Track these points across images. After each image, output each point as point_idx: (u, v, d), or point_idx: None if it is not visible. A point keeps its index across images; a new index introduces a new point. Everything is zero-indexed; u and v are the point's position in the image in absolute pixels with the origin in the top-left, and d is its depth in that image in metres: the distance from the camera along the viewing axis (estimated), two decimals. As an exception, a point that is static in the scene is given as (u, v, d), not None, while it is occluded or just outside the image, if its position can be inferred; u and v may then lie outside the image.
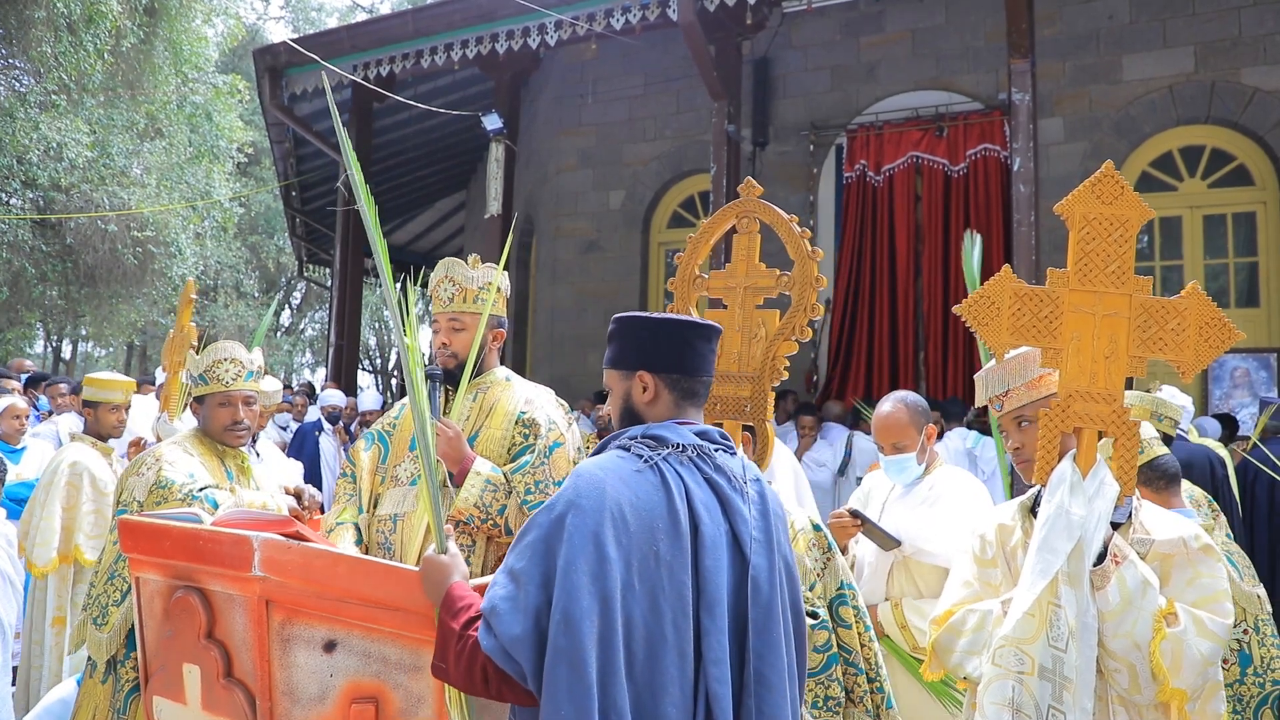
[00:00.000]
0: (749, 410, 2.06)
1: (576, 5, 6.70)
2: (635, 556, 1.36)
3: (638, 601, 1.35)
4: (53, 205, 10.21)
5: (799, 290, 2.08)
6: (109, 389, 4.13)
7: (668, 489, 1.42)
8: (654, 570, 1.37)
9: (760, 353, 2.08)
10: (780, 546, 1.53)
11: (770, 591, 1.46)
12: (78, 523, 3.94)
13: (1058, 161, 7.27)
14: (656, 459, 1.46)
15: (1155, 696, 1.65)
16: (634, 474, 1.43)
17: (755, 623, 1.43)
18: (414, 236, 14.20)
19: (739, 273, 2.18)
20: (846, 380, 7.92)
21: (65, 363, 22.13)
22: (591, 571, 1.32)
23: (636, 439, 1.51)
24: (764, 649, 1.43)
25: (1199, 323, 1.77)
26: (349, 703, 1.70)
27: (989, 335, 1.83)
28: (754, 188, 2.20)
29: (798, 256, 2.09)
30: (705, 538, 1.42)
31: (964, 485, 2.82)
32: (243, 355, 2.78)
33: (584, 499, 1.38)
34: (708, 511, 1.45)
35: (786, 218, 2.13)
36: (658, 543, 1.38)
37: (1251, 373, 6.83)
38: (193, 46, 11.22)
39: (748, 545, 1.46)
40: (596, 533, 1.34)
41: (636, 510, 1.39)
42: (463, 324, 2.44)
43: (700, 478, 1.48)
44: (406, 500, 2.36)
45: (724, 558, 1.43)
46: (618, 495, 1.39)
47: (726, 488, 1.49)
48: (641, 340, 1.59)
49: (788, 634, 1.50)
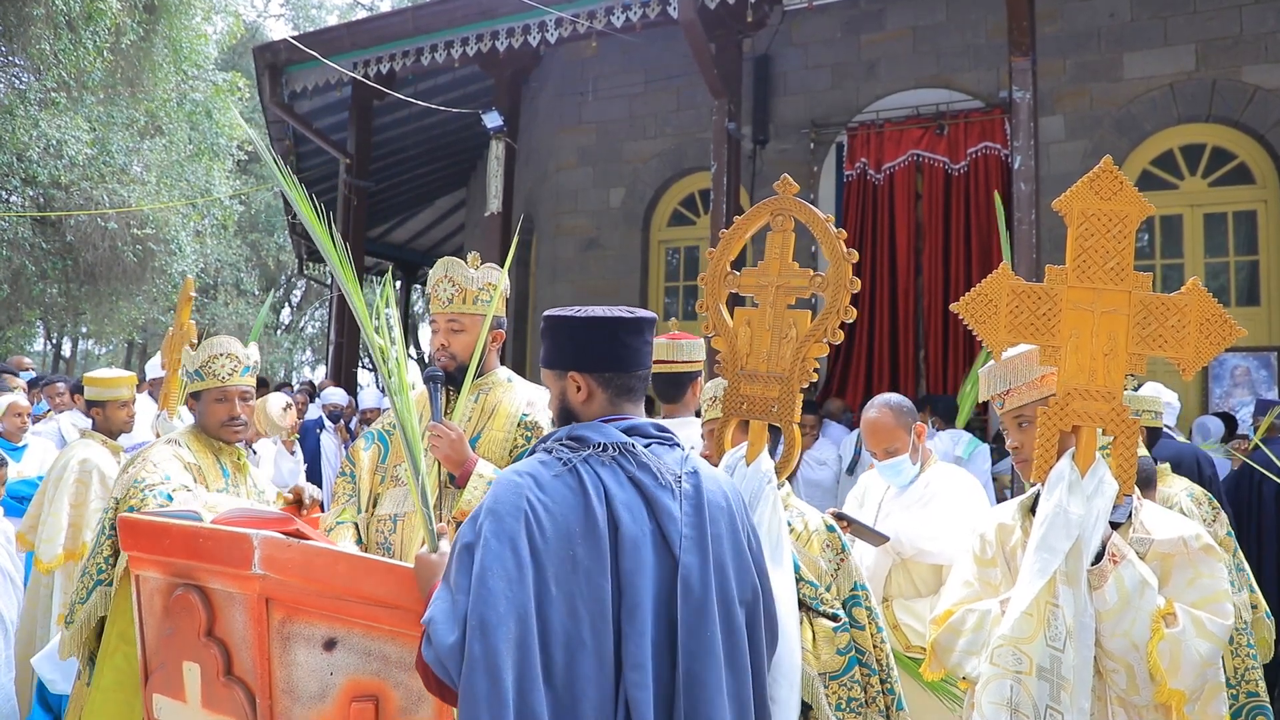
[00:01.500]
0: (776, 411, 2.03)
1: (577, 3, 6.70)
2: (552, 561, 1.35)
3: (556, 607, 1.33)
4: (53, 203, 10.21)
5: (833, 292, 2.04)
6: (114, 386, 4.10)
7: (585, 492, 1.40)
8: (571, 575, 1.35)
9: (790, 353, 2.05)
10: (720, 542, 1.47)
11: (703, 590, 1.41)
12: (86, 520, 3.94)
13: (1058, 160, 7.27)
14: (575, 461, 1.44)
15: (1153, 697, 1.63)
16: (552, 478, 1.41)
17: (687, 623, 1.39)
18: (414, 234, 14.20)
19: (772, 271, 2.15)
20: (847, 378, 7.92)
21: (65, 360, 22.13)
22: (507, 577, 1.31)
23: (559, 441, 1.49)
24: (697, 649, 1.39)
25: (1199, 319, 1.75)
26: (349, 701, 1.70)
27: (987, 333, 1.81)
28: (790, 185, 2.17)
29: (833, 258, 2.05)
30: (625, 539, 1.39)
31: (958, 482, 2.83)
32: (239, 350, 2.76)
33: (500, 505, 1.37)
34: (629, 512, 1.41)
35: (823, 217, 2.09)
36: (575, 547, 1.36)
37: (1252, 371, 6.83)
38: (192, 44, 11.21)
39: (676, 544, 1.42)
40: (512, 538, 1.33)
41: (552, 514, 1.37)
42: (462, 325, 2.42)
43: (623, 477, 1.45)
44: (406, 500, 2.35)
45: (648, 559, 1.40)
46: (534, 500, 1.37)
47: (652, 485, 1.44)
48: (572, 340, 1.56)
49: (733, 631, 1.44)
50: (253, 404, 2.83)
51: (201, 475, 2.68)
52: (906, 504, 2.85)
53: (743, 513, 1.57)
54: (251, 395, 2.81)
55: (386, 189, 11.33)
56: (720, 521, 1.49)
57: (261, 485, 2.91)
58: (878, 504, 2.99)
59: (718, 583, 1.44)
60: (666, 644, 1.39)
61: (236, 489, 2.76)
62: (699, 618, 1.40)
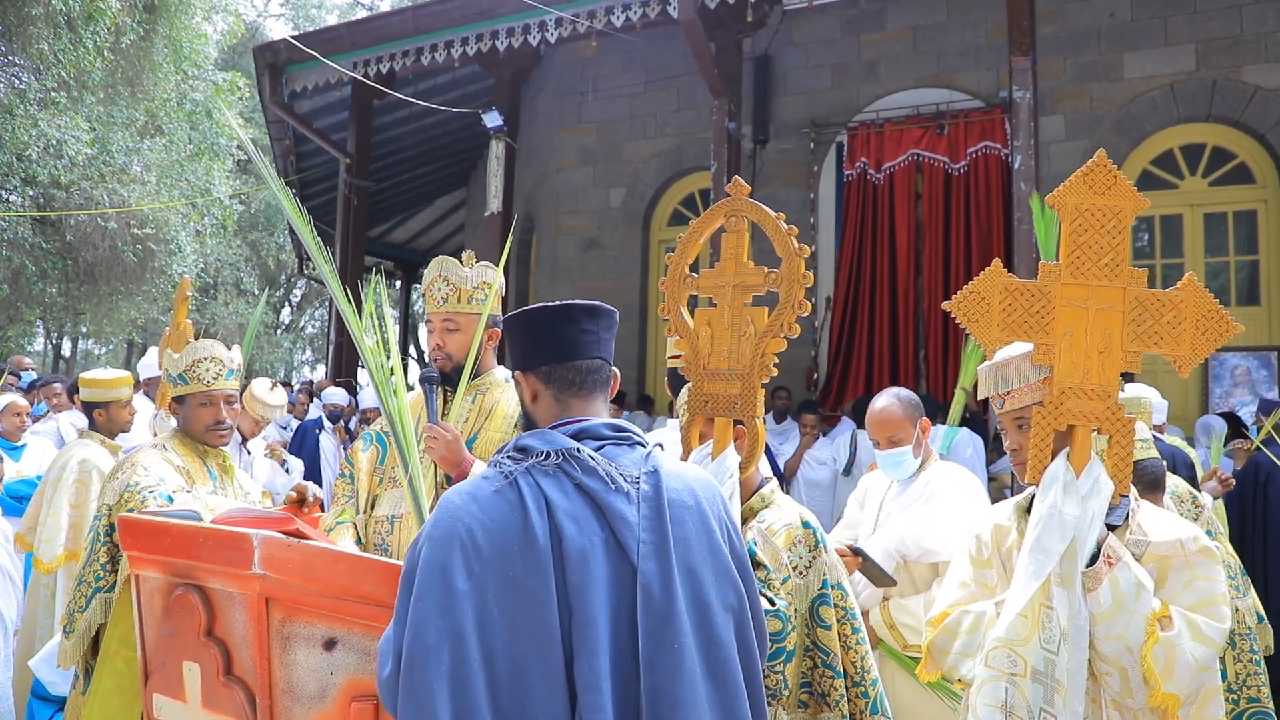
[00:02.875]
0: (739, 407, 2.07)
1: (577, 2, 6.70)
2: (491, 584, 1.27)
3: (498, 632, 1.26)
4: (52, 202, 10.21)
5: (787, 287, 2.08)
6: (115, 387, 4.08)
7: (524, 506, 1.31)
8: (512, 596, 1.27)
9: (749, 350, 2.09)
10: (686, 544, 1.35)
11: (666, 597, 1.30)
12: (86, 520, 3.94)
13: (1058, 159, 7.27)
14: (517, 473, 1.35)
15: (1147, 701, 1.62)
16: (492, 495, 1.34)
17: (650, 634, 1.28)
18: (414, 234, 14.20)
19: (728, 271, 2.19)
20: (847, 378, 7.92)
21: (65, 360, 22.13)
22: (439, 605, 1.25)
23: (506, 453, 1.41)
24: (663, 661, 1.27)
25: (1195, 315, 1.72)
26: (349, 701, 1.70)
27: (980, 332, 1.79)
28: (741, 186, 2.20)
29: (785, 254, 2.08)
30: (571, 552, 1.29)
31: (958, 479, 2.82)
32: (222, 354, 2.76)
33: (436, 529, 1.32)
34: (575, 522, 1.32)
35: (774, 215, 2.12)
36: (514, 566, 1.28)
37: (1252, 371, 6.83)
38: (192, 44, 11.21)
39: (634, 550, 1.32)
40: (444, 564, 1.27)
41: (490, 534, 1.29)
42: (457, 325, 2.41)
43: (569, 485, 1.35)
44: (404, 502, 2.34)
45: (599, 570, 1.30)
46: (470, 521, 1.30)
47: (601, 491, 1.34)
48: (512, 339, 1.51)
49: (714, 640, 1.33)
50: (237, 407, 2.83)
51: (190, 479, 2.68)
52: (907, 503, 2.85)
53: (720, 511, 1.45)
54: (236, 399, 2.80)
55: (386, 189, 11.34)
56: (686, 522, 1.37)
57: (248, 487, 2.91)
58: (879, 504, 2.99)
59: (689, 588, 1.34)
60: (630, 659, 1.29)
61: (224, 491, 2.76)
62: (663, 626, 1.29)
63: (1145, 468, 2.67)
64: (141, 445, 2.82)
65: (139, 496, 2.49)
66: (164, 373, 3.17)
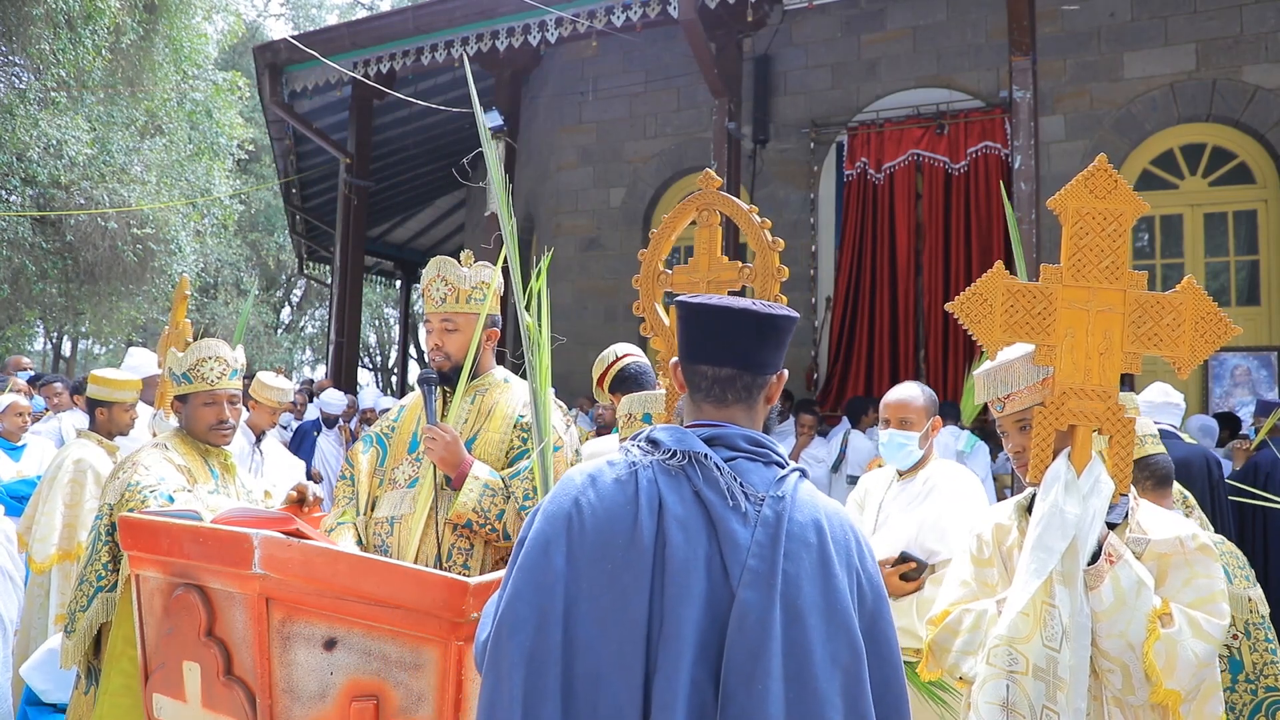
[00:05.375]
0: None
1: (577, 2, 6.70)
2: (587, 570, 1.24)
3: (584, 620, 1.22)
4: (53, 202, 10.21)
5: (761, 282, 2.05)
6: (123, 389, 4.09)
7: (637, 501, 1.26)
8: (606, 588, 1.23)
9: None
10: (795, 582, 1.23)
11: (762, 634, 1.20)
12: (81, 519, 3.94)
13: (1059, 159, 7.27)
14: (640, 465, 1.30)
15: (1149, 698, 1.63)
16: (612, 481, 1.29)
17: (735, 666, 1.19)
18: (414, 234, 14.20)
19: (701, 267, 2.16)
20: (847, 378, 7.93)
21: (65, 360, 22.12)
22: (534, 582, 1.24)
23: (638, 440, 1.36)
24: (745, 697, 1.18)
25: (1195, 317, 1.74)
26: (349, 700, 1.70)
27: (982, 333, 1.80)
28: (713, 179, 2.17)
29: (758, 247, 2.06)
30: (673, 561, 1.23)
31: (958, 477, 2.81)
32: (226, 353, 2.76)
33: (552, 503, 1.30)
34: (684, 531, 1.25)
35: (745, 208, 2.09)
36: (614, 558, 1.24)
37: (1252, 371, 6.83)
38: (193, 43, 11.20)
39: (735, 575, 1.23)
40: (549, 540, 1.26)
41: (598, 520, 1.26)
42: (455, 324, 2.41)
43: (688, 491, 1.28)
44: (404, 503, 2.35)
45: (697, 586, 1.22)
46: (584, 503, 1.27)
47: (718, 505, 1.26)
48: (677, 326, 1.43)
49: (812, 695, 1.20)
50: (240, 407, 2.83)
51: (191, 477, 2.68)
52: (906, 502, 2.83)
53: (853, 559, 1.31)
54: (239, 399, 2.81)
55: (386, 189, 11.35)
56: (802, 559, 1.25)
57: (249, 485, 2.92)
58: (878, 505, 2.98)
59: (790, 630, 1.22)
60: (712, 688, 1.20)
61: (226, 489, 2.77)
62: (751, 663, 1.18)
63: (1156, 463, 2.65)
64: (141, 446, 2.82)
65: (140, 496, 2.50)
66: (167, 371, 3.17)
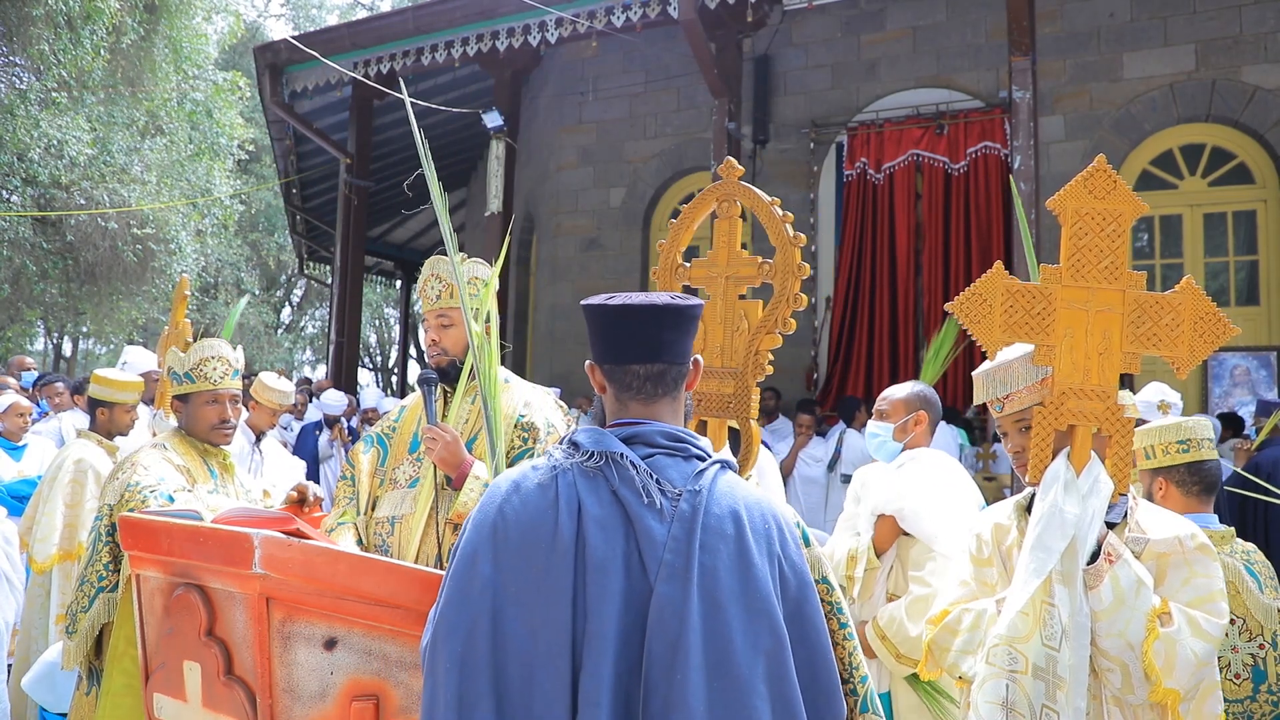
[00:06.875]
0: (733, 408, 1.97)
1: (577, 2, 6.71)
2: (514, 575, 1.27)
3: (513, 624, 1.25)
4: (53, 202, 10.22)
5: (781, 279, 1.97)
6: (126, 390, 4.09)
7: (557, 505, 1.29)
8: (532, 592, 1.26)
9: (743, 347, 1.98)
10: (713, 573, 1.26)
11: (680, 626, 1.22)
12: (81, 520, 3.94)
13: (1058, 159, 7.27)
14: (560, 469, 1.33)
15: (1148, 697, 1.64)
16: (535, 486, 1.33)
17: (656, 659, 1.22)
18: (414, 234, 14.20)
19: (720, 261, 2.07)
20: (846, 378, 7.93)
21: (66, 360, 22.13)
22: (462, 589, 1.28)
23: (561, 443, 1.39)
24: (666, 688, 1.20)
25: (1193, 317, 1.75)
26: (349, 700, 1.71)
27: (981, 333, 1.81)
28: (734, 168, 2.09)
29: (779, 243, 1.97)
30: (593, 560, 1.26)
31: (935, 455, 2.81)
32: (228, 353, 2.77)
33: (480, 512, 1.34)
34: (603, 531, 1.27)
35: (768, 200, 2.02)
36: (538, 562, 1.27)
37: (1251, 371, 6.83)
38: (193, 44, 11.21)
39: (653, 571, 1.25)
40: (477, 549, 1.30)
41: (521, 525, 1.29)
42: (451, 320, 2.42)
43: (605, 491, 1.30)
44: (404, 503, 2.35)
45: (616, 584, 1.25)
46: (508, 510, 1.31)
47: (635, 503, 1.29)
48: (588, 329, 1.46)
49: (734, 682, 1.23)
50: (240, 407, 2.84)
51: (190, 477, 2.68)
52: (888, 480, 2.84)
53: (774, 546, 1.33)
54: (240, 399, 2.82)
55: (386, 189, 11.35)
56: (719, 550, 1.27)
57: (248, 485, 2.92)
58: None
59: (709, 621, 1.24)
60: (636, 682, 1.23)
61: (225, 490, 2.77)
62: (671, 654, 1.21)
63: (1208, 470, 2.58)
64: (140, 446, 2.82)
65: (140, 496, 2.50)
66: (167, 371, 3.17)
